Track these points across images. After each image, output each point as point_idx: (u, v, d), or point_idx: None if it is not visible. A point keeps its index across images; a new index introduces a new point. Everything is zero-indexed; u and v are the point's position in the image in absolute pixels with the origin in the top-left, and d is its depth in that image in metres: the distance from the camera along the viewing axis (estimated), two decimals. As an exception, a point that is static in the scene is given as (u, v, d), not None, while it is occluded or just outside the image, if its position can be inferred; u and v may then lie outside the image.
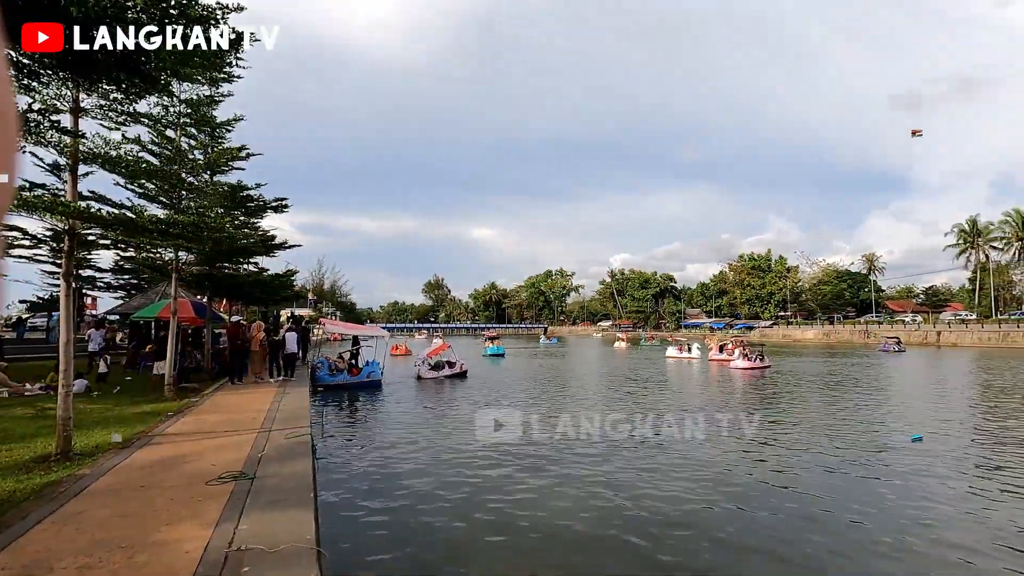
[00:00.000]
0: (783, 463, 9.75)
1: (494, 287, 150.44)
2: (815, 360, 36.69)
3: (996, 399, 17.81)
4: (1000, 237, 74.09)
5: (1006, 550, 6.02)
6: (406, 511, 7.23)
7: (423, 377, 23.44)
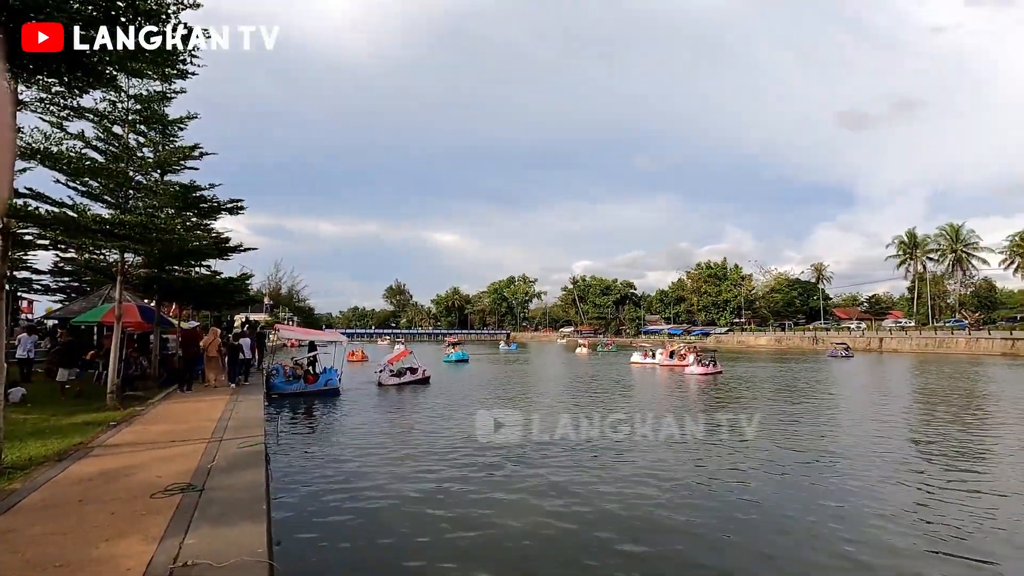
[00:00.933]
0: (734, 465, 10.03)
1: (457, 293, 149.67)
2: (768, 366, 38.00)
3: (932, 403, 18.86)
4: (936, 249, 78.73)
5: (939, 542, 6.37)
6: (365, 522, 7.08)
7: (384, 384, 23.08)
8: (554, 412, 16.59)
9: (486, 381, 27.22)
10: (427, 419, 15.04)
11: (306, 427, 14.20)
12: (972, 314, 71.88)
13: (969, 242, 76.15)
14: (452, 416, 15.44)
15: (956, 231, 76.90)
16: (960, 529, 6.84)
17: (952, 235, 77.03)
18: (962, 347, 52.38)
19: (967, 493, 8.33)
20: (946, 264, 78.63)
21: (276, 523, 6.57)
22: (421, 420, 14.93)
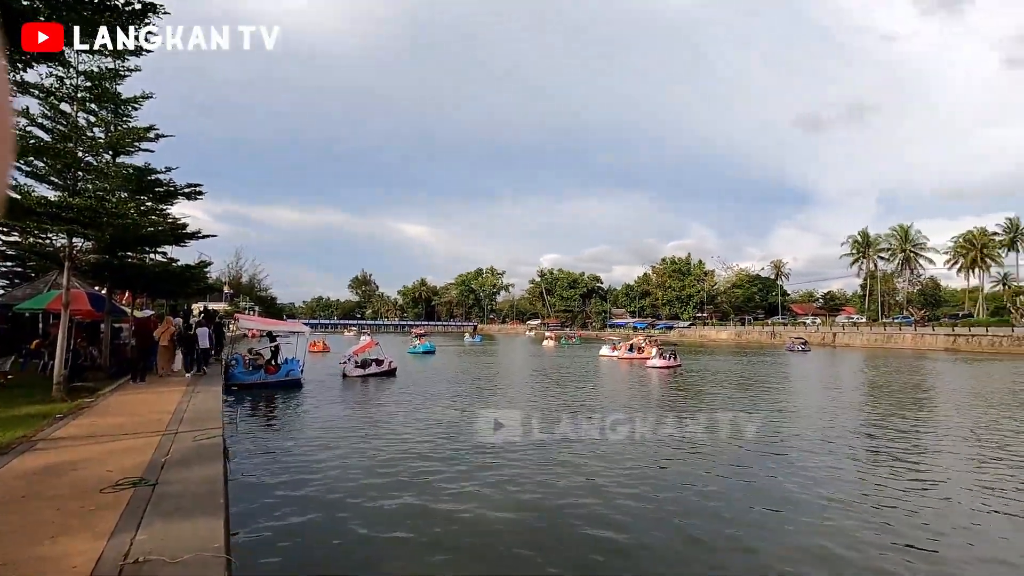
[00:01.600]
0: (690, 457, 10.30)
1: (424, 284, 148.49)
2: (728, 359, 39.09)
3: (880, 396, 19.77)
4: (886, 249, 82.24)
5: (884, 528, 6.70)
6: (326, 515, 6.99)
7: (348, 375, 22.73)
8: (519, 405, 16.69)
9: (453, 373, 27.15)
10: (392, 411, 14.92)
11: (267, 419, 13.89)
12: (919, 311, 75.52)
13: (917, 243, 79.81)
14: (418, 409, 15.36)
15: (905, 232, 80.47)
16: (902, 514, 7.21)
17: (902, 235, 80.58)
18: (909, 342, 54.99)
19: (909, 481, 8.78)
20: (896, 263, 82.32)
21: (235, 517, 6.42)
22: (385, 412, 14.79)
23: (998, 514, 7.28)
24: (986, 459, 10.28)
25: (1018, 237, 71.36)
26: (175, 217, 17.38)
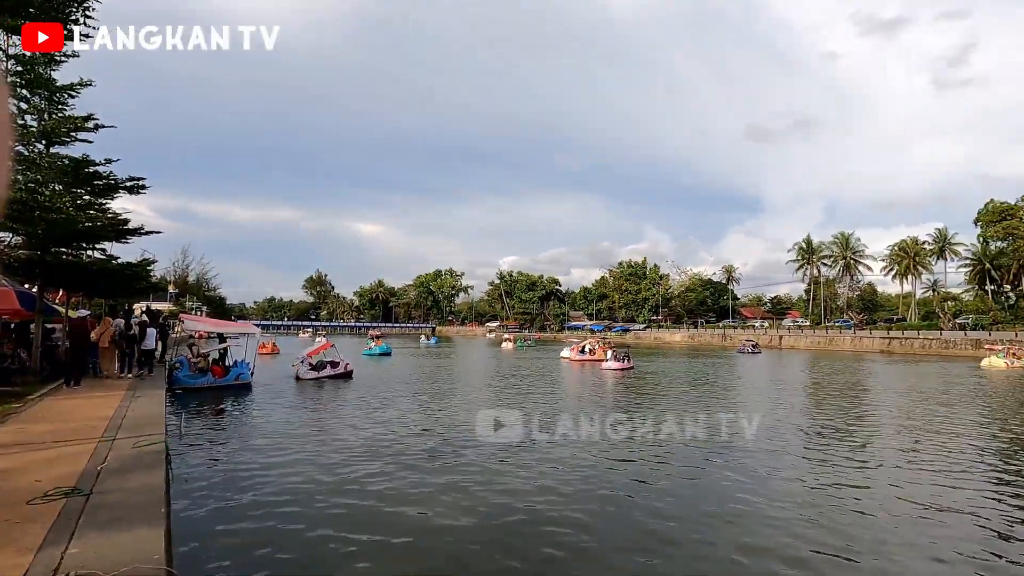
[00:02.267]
0: (642, 458, 10.51)
1: (381, 285, 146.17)
2: (683, 361, 40.17)
3: (822, 396, 20.74)
4: (829, 255, 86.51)
5: (822, 527, 7.02)
6: (275, 523, 6.76)
7: (302, 378, 22.11)
8: (475, 408, 16.66)
9: (410, 376, 26.82)
10: (346, 415, 14.60)
11: (214, 424, 13.34)
12: (857, 315, 79.77)
13: (856, 250, 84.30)
14: (374, 412, 15.09)
15: (846, 240, 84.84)
16: (840, 513, 7.57)
17: (843, 243, 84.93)
18: (848, 344, 57.99)
19: (848, 473, 9.24)
20: (837, 269, 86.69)
21: (177, 526, 6.14)
22: (340, 416, 14.46)
23: (925, 505, 7.74)
24: (916, 452, 10.92)
25: (946, 246, 76.31)
26: (115, 212, 16.51)
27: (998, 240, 65.61)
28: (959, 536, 6.64)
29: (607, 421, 13.92)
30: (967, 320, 63.92)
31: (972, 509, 7.60)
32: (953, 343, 49.16)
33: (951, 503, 7.85)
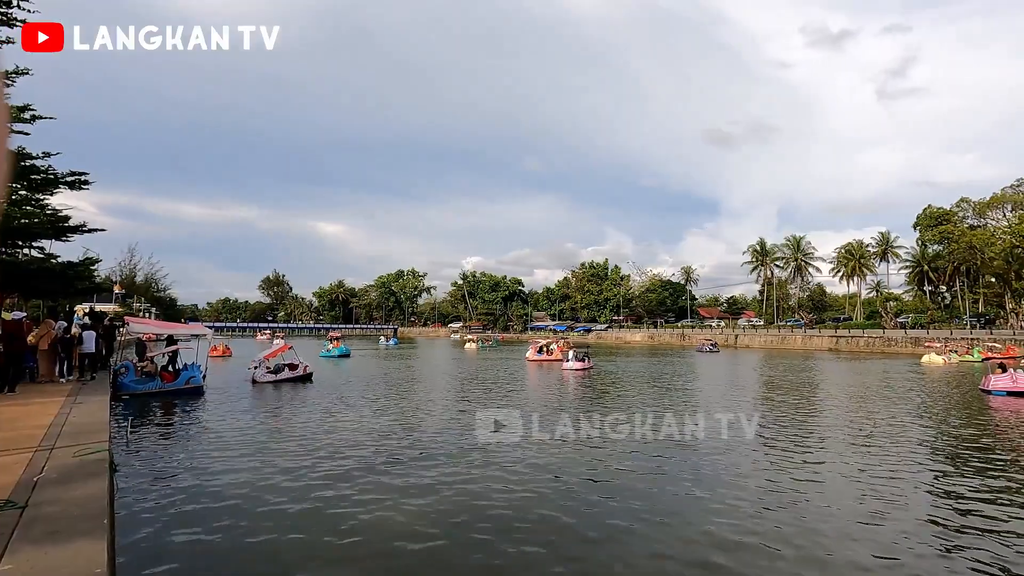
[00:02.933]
0: (597, 453, 10.66)
1: (341, 285, 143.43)
2: (646, 360, 40.94)
3: (775, 392, 21.51)
4: (781, 257, 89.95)
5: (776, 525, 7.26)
6: (226, 533, 6.52)
7: (258, 381, 21.42)
8: (437, 410, 16.55)
9: (371, 378, 26.39)
10: (304, 419, 14.22)
11: (162, 431, 12.78)
12: (807, 315, 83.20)
13: (807, 252, 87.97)
14: (333, 416, 14.75)
15: (798, 242, 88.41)
16: (789, 506, 7.86)
17: (794, 246, 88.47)
18: (799, 343, 60.33)
19: (799, 477, 9.59)
20: (789, 271, 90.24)
21: (121, 538, 5.87)
22: (297, 420, 14.06)
23: (871, 496, 8.12)
24: (861, 445, 11.43)
25: (888, 249, 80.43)
26: (55, 208, 15.63)
27: (935, 244, 69.57)
28: (897, 525, 6.98)
29: (565, 421, 14.02)
30: (907, 319, 67.50)
31: (914, 500, 8.01)
32: (894, 341, 51.78)
33: (892, 493, 8.24)
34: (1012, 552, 6.09)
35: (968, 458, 10.52)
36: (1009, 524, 6.95)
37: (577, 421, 13.90)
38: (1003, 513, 7.37)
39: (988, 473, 9.44)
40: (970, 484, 8.77)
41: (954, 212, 67.62)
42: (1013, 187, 64.18)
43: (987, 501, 7.88)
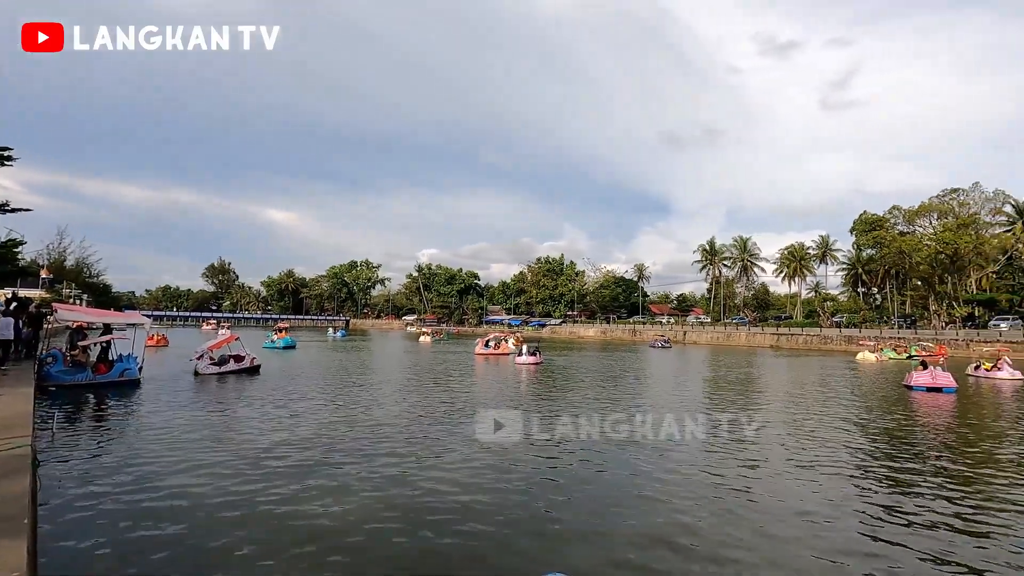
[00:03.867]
0: (543, 449, 10.81)
1: (291, 275, 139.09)
2: (600, 355, 41.68)
3: (720, 387, 22.35)
4: (729, 257, 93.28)
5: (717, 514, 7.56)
6: (159, 532, 6.24)
7: (201, 373, 20.53)
8: (386, 404, 16.37)
9: (320, 370, 25.77)
10: (248, 413, 13.73)
11: (93, 424, 12.09)
12: (751, 313, 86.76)
13: (753, 253, 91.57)
14: (278, 410, 14.31)
15: (744, 243, 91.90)
16: (729, 500, 8.20)
17: (741, 246, 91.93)
18: (743, 340, 62.86)
19: (739, 471, 10.01)
20: (736, 270, 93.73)
21: (44, 538, 5.56)
22: (240, 415, 13.55)
23: (809, 484, 8.57)
24: (800, 437, 12.04)
25: (827, 252, 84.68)
26: (-27, 185, 14.42)
27: (869, 248, 73.60)
28: (824, 508, 7.41)
29: (515, 416, 14.13)
30: (842, 319, 71.34)
31: (838, 483, 8.51)
32: (830, 339, 54.68)
33: (826, 485, 8.73)
34: (916, 526, 6.58)
35: (887, 445, 11.25)
36: (919, 502, 7.49)
37: (527, 416, 14.02)
38: (916, 493, 7.94)
39: (903, 459, 10.12)
40: (888, 467, 9.38)
41: (886, 219, 71.73)
42: (939, 197, 68.68)
43: (906, 484, 8.46)
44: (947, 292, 62.70)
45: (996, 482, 8.98)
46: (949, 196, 68.04)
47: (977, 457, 10.70)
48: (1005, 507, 7.68)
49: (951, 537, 6.56)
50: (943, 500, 7.90)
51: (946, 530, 6.77)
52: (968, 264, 60.37)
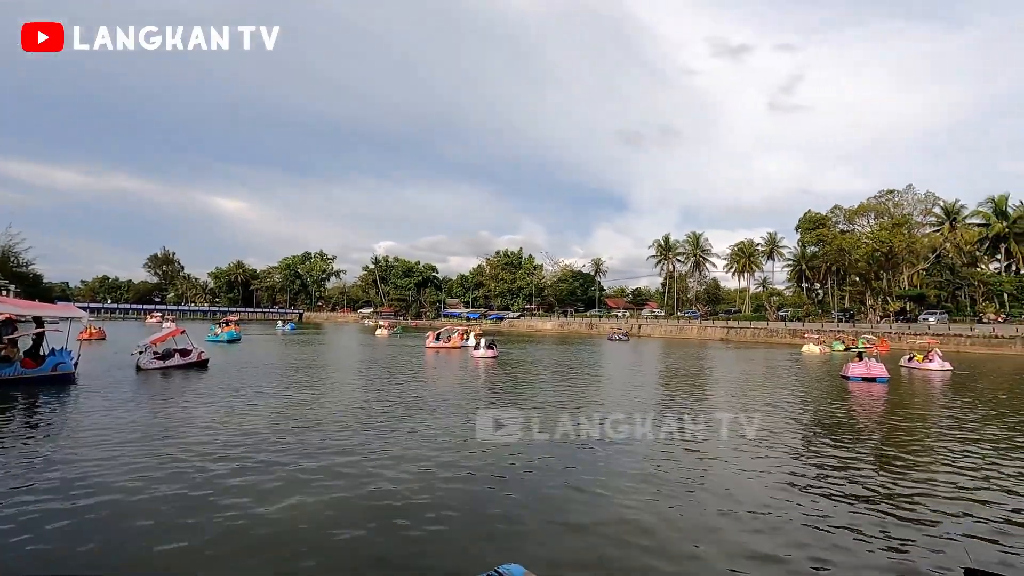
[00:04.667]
0: (498, 447, 10.87)
1: (241, 266, 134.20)
2: (558, 348, 42.10)
3: (673, 378, 22.98)
4: (682, 253, 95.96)
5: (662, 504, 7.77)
6: (91, 538, 5.91)
7: (144, 368, 19.54)
8: (339, 399, 16.07)
9: (268, 365, 25.01)
10: (192, 411, 13.14)
11: (20, 423, 11.32)
12: (703, 307, 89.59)
13: (705, 249, 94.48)
14: (224, 407, 13.77)
15: (697, 239, 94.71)
16: (676, 493, 8.45)
17: (693, 242, 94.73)
18: (695, 333, 64.87)
19: (687, 463, 10.32)
20: (689, 265, 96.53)
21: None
22: (184, 412, 12.94)
23: (756, 472, 8.92)
24: (748, 426, 12.50)
25: (774, 249, 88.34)
26: None
27: (812, 245, 77.15)
28: (764, 492, 7.74)
29: (469, 411, 14.13)
30: (787, 313, 74.61)
31: (778, 466, 8.90)
32: (776, 332, 57.11)
33: (771, 471, 9.11)
34: (850, 505, 6.97)
35: (826, 431, 11.84)
36: (857, 485, 7.94)
37: (482, 410, 14.02)
38: (848, 476, 8.40)
39: (839, 443, 10.68)
40: (825, 452, 9.88)
41: (829, 218, 75.31)
42: (876, 198, 72.71)
43: (837, 467, 8.93)
44: (882, 288, 66.56)
45: (919, 459, 9.60)
46: (885, 197, 72.18)
47: (905, 441, 11.41)
48: (933, 488, 8.22)
49: (883, 518, 6.96)
50: (879, 480, 8.38)
51: (878, 514, 7.19)
52: (901, 262, 64.28)
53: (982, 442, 11.37)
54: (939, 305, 61.52)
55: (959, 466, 9.51)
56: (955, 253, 65.43)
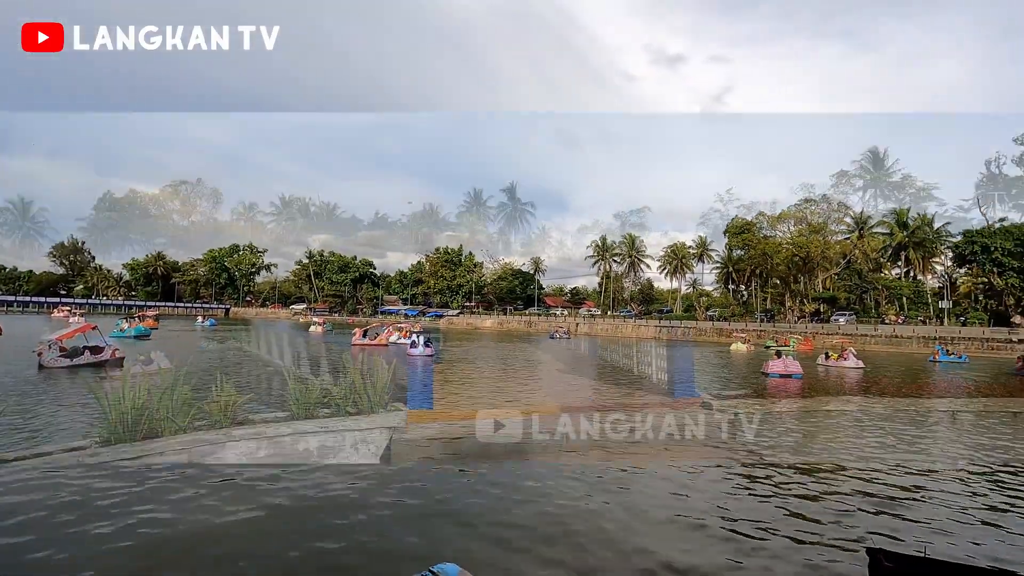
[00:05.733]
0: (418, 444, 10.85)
1: (160, 258, 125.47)
2: (499, 346, 42.22)
3: (611, 374, 23.65)
4: (619, 253, 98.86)
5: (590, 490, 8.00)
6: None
7: (47, 366, 17.95)
8: (260, 401, 15.43)
9: (199, 361, 23.61)
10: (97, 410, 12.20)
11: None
12: (638, 307, 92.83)
13: (640, 251, 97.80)
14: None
15: (632, 241, 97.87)
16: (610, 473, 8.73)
17: (629, 244, 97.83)
18: (630, 331, 67.10)
19: (625, 443, 10.68)
20: (625, 266, 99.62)
21: None
22: (89, 412, 12.01)
23: (681, 465, 9.34)
24: (679, 420, 13.07)
25: (704, 252, 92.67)
26: None
27: (738, 249, 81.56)
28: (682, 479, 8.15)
29: (393, 409, 13.97)
30: (715, 313, 78.55)
31: (715, 468, 9.39)
32: (705, 331, 60.08)
33: (696, 464, 9.57)
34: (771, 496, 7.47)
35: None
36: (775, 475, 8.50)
37: (418, 409, 13.89)
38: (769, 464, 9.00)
39: (757, 433, 11.41)
40: (742, 439, 10.52)
41: (754, 223, 79.90)
42: (796, 206, 77.89)
43: (759, 457, 9.54)
44: (800, 290, 71.38)
45: (832, 444, 10.42)
46: (804, 206, 77.38)
47: (811, 429, 12.33)
48: (841, 477, 8.93)
49: (796, 503, 7.50)
50: (792, 470, 9.01)
51: (794, 498, 7.73)
52: (816, 266, 69.22)
53: (881, 428, 12.47)
54: (848, 307, 66.69)
55: (860, 446, 10.39)
56: (863, 259, 71.13)
